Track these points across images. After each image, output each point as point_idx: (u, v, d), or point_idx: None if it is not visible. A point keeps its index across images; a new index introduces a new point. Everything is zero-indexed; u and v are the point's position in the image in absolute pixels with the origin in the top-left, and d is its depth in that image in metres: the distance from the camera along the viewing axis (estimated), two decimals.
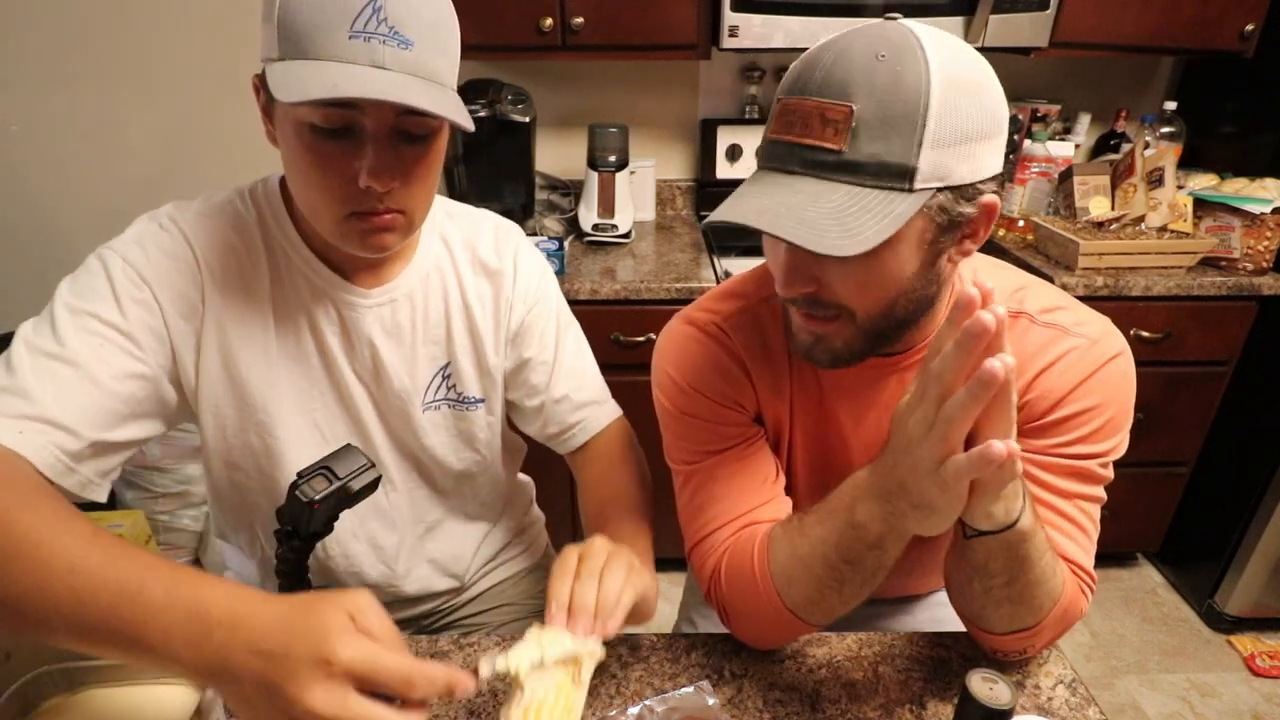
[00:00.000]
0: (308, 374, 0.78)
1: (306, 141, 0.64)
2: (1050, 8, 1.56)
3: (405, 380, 0.81)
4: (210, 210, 0.74)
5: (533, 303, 0.86)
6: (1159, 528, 1.92)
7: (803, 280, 0.60)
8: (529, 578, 1.05)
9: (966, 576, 0.63)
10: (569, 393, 0.88)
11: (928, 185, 0.54)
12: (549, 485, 0.96)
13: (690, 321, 0.77)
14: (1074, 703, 0.70)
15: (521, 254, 0.86)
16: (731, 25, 1.55)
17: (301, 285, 0.76)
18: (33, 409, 0.59)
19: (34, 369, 0.61)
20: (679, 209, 2.14)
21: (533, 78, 1.90)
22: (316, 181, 0.66)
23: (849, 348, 0.64)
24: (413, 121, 0.65)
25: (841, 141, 0.54)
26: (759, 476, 0.74)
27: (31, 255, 2.05)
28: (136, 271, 0.68)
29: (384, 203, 0.66)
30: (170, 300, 0.69)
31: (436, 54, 0.64)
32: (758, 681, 0.72)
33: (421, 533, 0.90)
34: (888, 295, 0.60)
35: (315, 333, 0.77)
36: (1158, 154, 1.69)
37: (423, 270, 0.81)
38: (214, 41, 1.87)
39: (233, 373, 0.74)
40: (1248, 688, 1.70)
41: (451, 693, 0.48)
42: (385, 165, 0.64)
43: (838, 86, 0.54)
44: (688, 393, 0.75)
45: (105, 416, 0.64)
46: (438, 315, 0.82)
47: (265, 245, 0.75)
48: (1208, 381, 1.72)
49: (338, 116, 0.62)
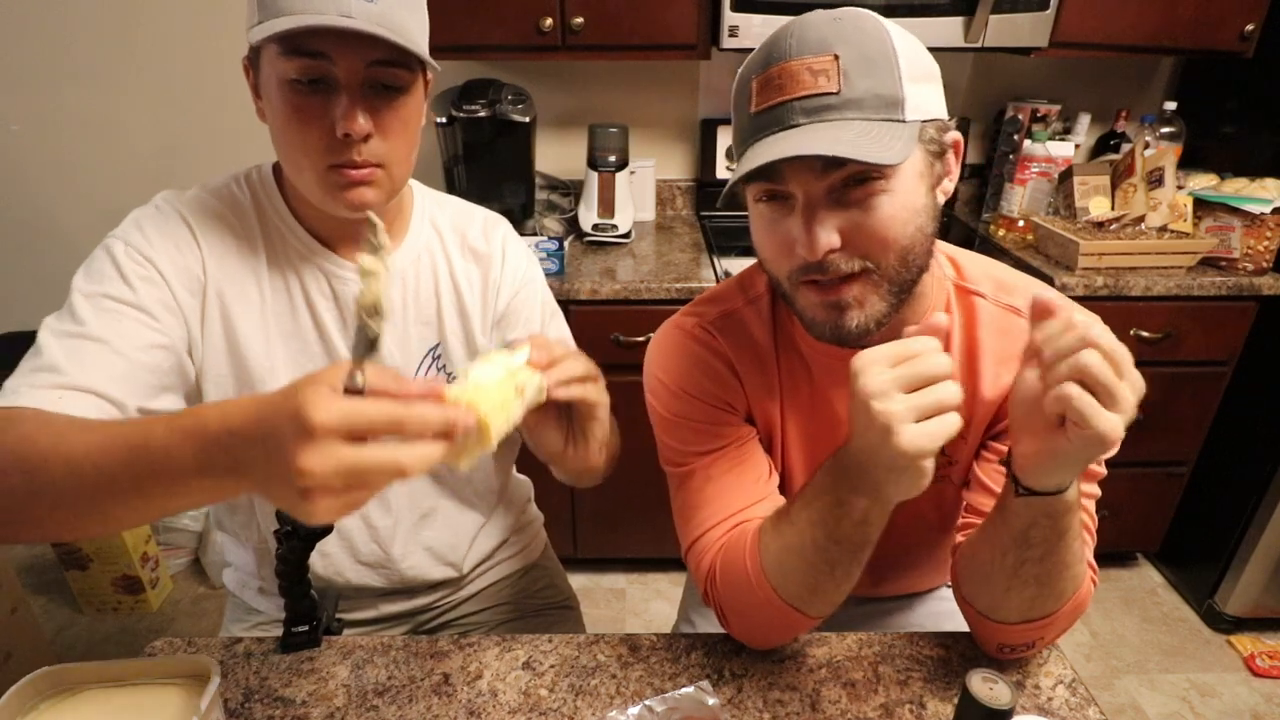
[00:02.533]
0: (304, 348, 0.80)
1: (286, 96, 0.68)
2: (1050, 8, 1.56)
3: (397, 358, 0.84)
4: (205, 193, 0.78)
5: (519, 286, 0.89)
6: (1159, 528, 1.92)
7: (828, 233, 0.60)
8: (526, 577, 1.05)
9: (1001, 550, 0.63)
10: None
11: (915, 117, 0.59)
12: (547, 485, 0.96)
13: (678, 326, 0.79)
14: (1074, 703, 0.70)
15: (509, 241, 0.90)
16: (731, 25, 1.55)
17: (295, 258, 0.79)
18: (66, 379, 0.63)
19: (60, 348, 0.65)
20: (679, 209, 2.14)
21: (533, 78, 1.90)
22: (297, 136, 0.69)
23: (874, 307, 0.63)
24: (384, 72, 0.69)
25: (837, 84, 0.57)
26: (751, 476, 0.75)
27: (33, 254, 2.06)
28: (138, 251, 0.71)
29: (361, 155, 0.69)
30: (174, 275, 0.73)
31: (402, 10, 0.68)
32: (758, 681, 0.72)
33: (417, 519, 0.91)
34: (907, 233, 0.61)
35: (310, 307, 0.80)
36: (1158, 154, 1.69)
37: (413, 252, 0.84)
38: (214, 41, 1.87)
39: (232, 343, 0.77)
40: (1248, 688, 1.70)
41: (451, 429, 0.47)
42: (360, 113, 0.68)
43: (815, 44, 0.58)
44: (678, 396, 0.75)
45: (140, 386, 0.67)
46: (428, 295, 0.85)
47: (259, 221, 0.78)
48: (1208, 381, 1.72)
49: (311, 67, 0.66)
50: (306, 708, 0.69)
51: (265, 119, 0.73)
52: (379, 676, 0.73)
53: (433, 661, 0.74)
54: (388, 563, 0.90)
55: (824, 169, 0.58)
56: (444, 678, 0.73)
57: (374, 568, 0.90)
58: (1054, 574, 0.63)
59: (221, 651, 0.75)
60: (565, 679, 0.72)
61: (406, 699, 0.70)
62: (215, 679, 0.58)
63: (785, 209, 0.62)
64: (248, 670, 0.73)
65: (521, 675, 0.73)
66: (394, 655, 0.75)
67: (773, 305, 0.77)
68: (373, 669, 0.74)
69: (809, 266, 0.62)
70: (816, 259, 0.60)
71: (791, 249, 0.62)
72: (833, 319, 0.63)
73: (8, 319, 1.88)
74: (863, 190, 0.59)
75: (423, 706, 0.69)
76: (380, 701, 0.70)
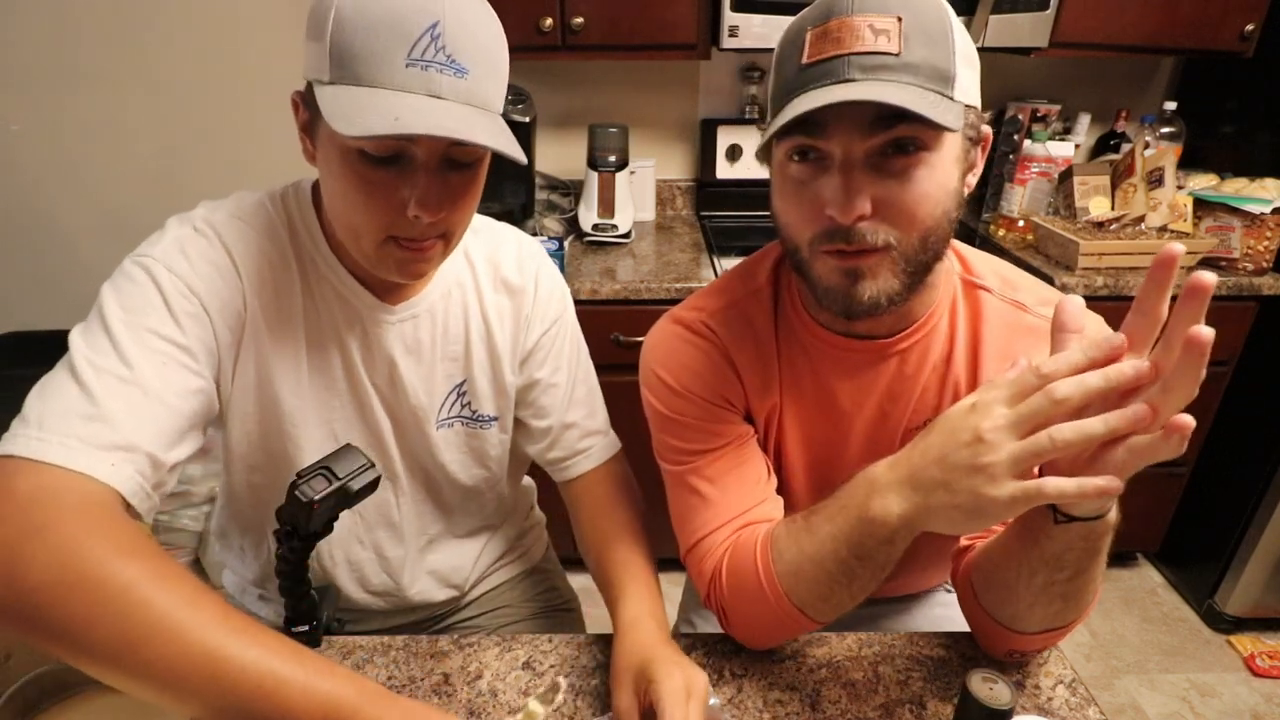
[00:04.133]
0: (331, 385, 0.77)
1: (354, 167, 0.62)
2: (1050, 8, 1.56)
3: (421, 397, 0.81)
4: (243, 214, 0.72)
5: (550, 322, 0.85)
6: (1159, 528, 1.92)
7: (862, 199, 0.58)
8: (527, 580, 1.05)
9: (1030, 570, 0.61)
10: (580, 419, 0.87)
11: (961, 98, 0.58)
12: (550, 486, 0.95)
13: (677, 320, 0.77)
14: (1074, 703, 0.70)
15: (543, 273, 0.85)
16: (731, 25, 1.55)
17: (331, 298, 0.75)
18: (119, 437, 0.57)
19: (113, 394, 0.58)
20: (679, 209, 2.14)
21: (533, 78, 1.90)
22: (360, 206, 0.64)
23: (887, 282, 0.62)
24: (462, 150, 0.64)
25: (898, 46, 0.56)
26: (751, 477, 0.74)
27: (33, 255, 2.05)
28: (184, 283, 0.65)
29: (427, 232, 0.66)
30: (218, 311, 0.68)
31: (490, 80, 0.63)
32: (758, 681, 0.72)
33: (423, 545, 0.90)
34: (935, 213, 0.60)
35: (341, 346, 0.76)
36: (1158, 154, 1.69)
37: (445, 286, 0.80)
38: (217, 41, 1.87)
39: (264, 384, 0.73)
40: (1248, 688, 1.70)
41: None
42: (435, 194, 0.63)
43: (876, 4, 0.56)
44: (678, 393, 0.74)
45: (172, 436, 0.62)
46: (457, 331, 0.81)
47: (295, 254, 0.73)
48: (1208, 381, 1.67)
49: (391, 146, 0.61)
50: None
51: (313, 163, 0.68)
52: (379, 676, 0.73)
53: (433, 661, 0.74)
54: (396, 591, 0.90)
55: (871, 129, 0.57)
56: (444, 678, 0.73)
57: (381, 595, 0.90)
58: (1082, 589, 0.62)
59: None
60: (565, 679, 0.72)
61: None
62: None
63: (818, 169, 0.61)
64: None
65: (521, 675, 0.73)
66: (394, 655, 0.75)
67: (774, 296, 0.76)
68: (373, 669, 0.74)
69: (834, 233, 0.60)
70: (848, 222, 0.58)
71: (819, 211, 0.60)
72: (846, 286, 0.62)
73: (8, 319, 1.88)
74: (904, 160, 0.58)
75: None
76: None
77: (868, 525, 0.59)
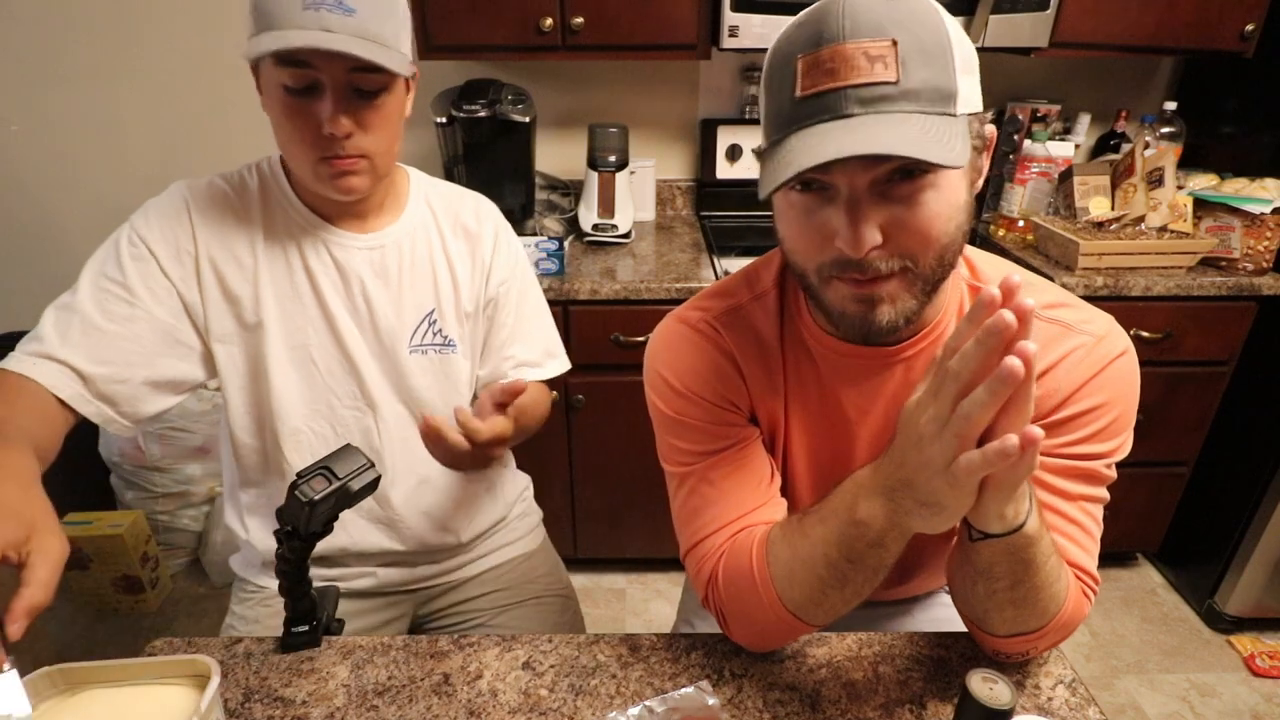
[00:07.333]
0: (300, 308, 0.88)
1: (282, 99, 0.78)
2: (1050, 8, 1.56)
3: (392, 320, 0.92)
4: (217, 177, 0.89)
5: (506, 275, 0.99)
6: (1159, 528, 1.92)
7: (872, 231, 0.57)
8: (527, 563, 1.10)
9: (970, 579, 0.63)
10: (515, 353, 1.02)
11: (964, 110, 0.56)
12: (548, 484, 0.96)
13: (682, 320, 0.77)
14: (1074, 703, 0.70)
15: (501, 231, 1.00)
16: (731, 25, 1.55)
17: (295, 230, 0.89)
18: (44, 348, 0.77)
19: (52, 320, 0.79)
20: (679, 209, 2.14)
21: (533, 78, 1.90)
22: (291, 132, 0.80)
23: (905, 304, 0.61)
24: (363, 78, 0.78)
25: (895, 73, 0.53)
26: (754, 479, 0.74)
27: (32, 254, 2.06)
28: (137, 233, 0.83)
29: (346, 149, 0.79)
30: (162, 248, 0.83)
31: (378, 19, 0.76)
32: (758, 681, 0.72)
33: (415, 484, 0.97)
34: (948, 231, 0.58)
35: (308, 270, 0.88)
36: (1158, 154, 1.69)
37: (409, 227, 0.94)
38: (213, 39, 1.87)
39: (230, 300, 0.86)
40: (1248, 688, 1.70)
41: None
42: (340, 113, 0.77)
43: (869, 27, 0.53)
44: (682, 394, 0.74)
45: (103, 351, 0.78)
46: (423, 264, 0.94)
47: (262, 199, 0.88)
48: (1208, 381, 1.72)
49: (300, 76, 0.76)
50: (306, 708, 0.69)
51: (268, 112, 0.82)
52: (379, 676, 0.73)
53: (433, 661, 0.74)
54: (384, 520, 0.96)
55: (875, 159, 0.54)
56: (444, 678, 0.73)
57: (378, 523, 0.96)
58: (1028, 598, 0.62)
59: (221, 651, 0.75)
60: (565, 679, 0.72)
61: (406, 699, 0.70)
62: (215, 679, 0.58)
63: (823, 199, 0.59)
64: (248, 670, 0.73)
65: (521, 675, 0.73)
66: (394, 655, 0.75)
67: (779, 301, 0.75)
68: (373, 669, 0.74)
69: (846, 263, 0.58)
70: (860, 256, 0.57)
71: (828, 241, 0.58)
72: (863, 313, 0.61)
73: (8, 319, 1.88)
74: (909, 186, 0.56)
75: (423, 706, 0.69)
76: (380, 701, 0.70)
77: (856, 528, 0.59)
